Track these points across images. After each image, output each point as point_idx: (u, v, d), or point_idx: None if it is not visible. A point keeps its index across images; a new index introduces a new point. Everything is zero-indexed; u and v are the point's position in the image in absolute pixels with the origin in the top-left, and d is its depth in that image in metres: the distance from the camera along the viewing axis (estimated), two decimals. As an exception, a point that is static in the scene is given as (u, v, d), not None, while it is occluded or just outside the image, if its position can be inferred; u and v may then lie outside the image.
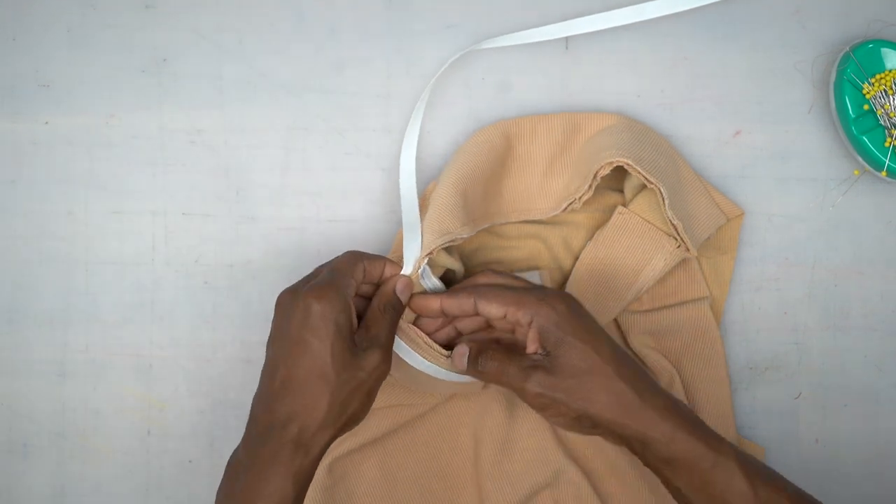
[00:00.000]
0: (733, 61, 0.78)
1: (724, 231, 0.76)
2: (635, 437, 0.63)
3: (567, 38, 0.78)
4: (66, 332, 0.77)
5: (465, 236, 0.69)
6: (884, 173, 0.76)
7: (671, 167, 0.74)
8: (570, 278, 0.73)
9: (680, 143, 0.78)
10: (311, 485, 0.72)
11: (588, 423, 0.64)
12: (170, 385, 0.77)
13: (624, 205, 0.75)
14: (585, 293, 0.73)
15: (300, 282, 0.65)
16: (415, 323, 0.69)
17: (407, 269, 0.68)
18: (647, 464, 0.64)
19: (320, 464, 0.73)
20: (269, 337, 0.64)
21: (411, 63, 0.78)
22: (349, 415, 0.63)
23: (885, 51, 0.75)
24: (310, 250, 0.77)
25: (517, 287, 0.66)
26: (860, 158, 0.76)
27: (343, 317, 0.62)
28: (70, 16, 0.77)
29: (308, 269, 0.72)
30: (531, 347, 0.64)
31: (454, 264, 0.72)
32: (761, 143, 0.78)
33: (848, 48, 0.76)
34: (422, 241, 0.68)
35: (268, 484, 0.59)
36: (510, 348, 0.66)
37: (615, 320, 0.75)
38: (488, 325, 0.69)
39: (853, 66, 0.75)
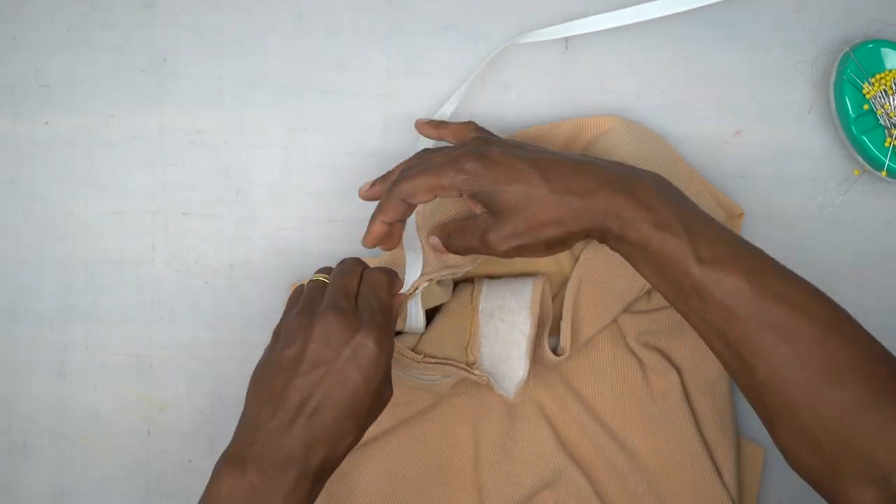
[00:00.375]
0: (733, 61, 0.78)
1: (725, 231, 0.77)
2: (593, 233, 0.62)
3: (567, 38, 0.78)
4: (66, 332, 0.77)
5: (467, 269, 0.69)
6: (884, 173, 0.76)
7: (671, 166, 0.74)
8: (571, 281, 0.73)
9: (680, 143, 0.78)
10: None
11: (557, 245, 0.63)
12: (170, 385, 0.77)
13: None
14: (586, 295, 0.73)
15: (335, 296, 0.62)
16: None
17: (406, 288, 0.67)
18: (611, 247, 0.63)
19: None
20: (298, 351, 0.61)
21: (411, 63, 0.78)
22: (358, 441, 0.63)
23: (885, 51, 0.75)
24: (310, 250, 0.77)
25: (431, 166, 0.64)
26: (860, 158, 0.76)
27: (389, 367, 0.62)
28: (70, 16, 0.77)
29: (308, 269, 0.73)
30: (476, 210, 0.64)
31: (445, 297, 0.72)
32: (761, 143, 0.78)
33: (848, 48, 0.76)
34: (423, 267, 0.68)
35: None
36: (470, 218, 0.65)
37: (616, 320, 0.75)
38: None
39: (853, 66, 0.75)
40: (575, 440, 0.75)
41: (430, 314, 0.72)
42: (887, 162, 0.75)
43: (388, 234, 0.66)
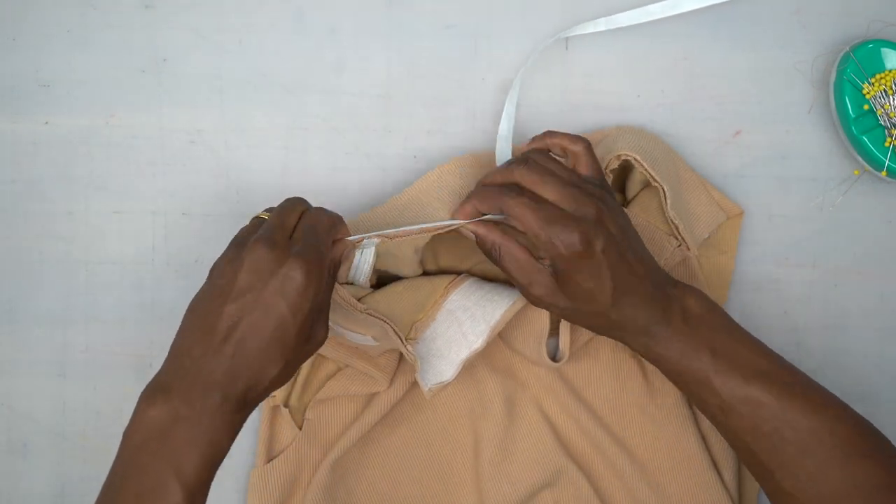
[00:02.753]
0: (733, 61, 0.78)
1: (724, 231, 0.77)
2: (621, 341, 0.68)
3: (567, 38, 0.78)
4: (66, 332, 0.77)
5: (419, 245, 0.69)
6: (884, 173, 0.76)
7: (671, 165, 0.74)
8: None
9: (680, 143, 0.78)
10: (311, 484, 0.73)
11: (577, 324, 0.69)
12: (170, 385, 0.77)
13: (624, 205, 0.75)
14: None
15: (268, 229, 0.63)
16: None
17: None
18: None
19: (321, 464, 0.74)
20: (228, 281, 0.61)
21: (411, 63, 0.78)
22: (285, 379, 0.63)
23: (885, 51, 0.75)
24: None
25: (544, 211, 0.65)
26: (860, 158, 0.76)
27: (317, 299, 0.62)
28: (70, 16, 0.77)
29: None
30: (543, 257, 0.66)
31: (411, 271, 0.72)
32: (761, 143, 0.78)
33: (848, 48, 0.76)
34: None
35: (207, 437, 0.59)
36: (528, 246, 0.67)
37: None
38: None
39: (853, 66, 0.75)
40: (575, 440, 0.75)
41: (389, 282, 0.72)
42: (887, 162, 0.75)
43: (476, 217, 0.68)
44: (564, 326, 0.72)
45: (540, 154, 0.68)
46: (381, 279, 0.73)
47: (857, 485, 0.61)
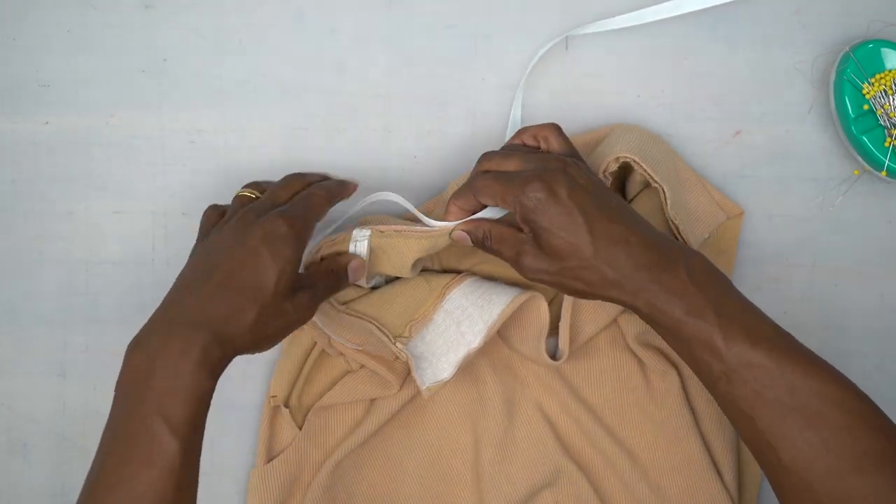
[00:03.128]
0: (733, 61, 0.78)
1: (724, 231, 0.77)
2: (620, 303, 0.64)
3: (567, 38, 0.78)
4: (66, 332, 0.77)
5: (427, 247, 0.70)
6: (884, 173, 0.76)
7: (670, 165, 0.74)
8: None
9: (680, 143, 0.78)
10: (311, 485, 0.73)
11: (579, 294, 0.66)
12: (170, 385, 0.77)
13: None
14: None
15: (259, 204, 0.66)
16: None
17: (361, 249, 0.70)
18: (645, 322, 0.66)
19: (321, 465, 0.74)
20: (211, 242, 0.65)
21: (411, 63, 0.78)
22: (262, 336, 0.64)
23: (885, 51, 0.75)
24: (310, 250, 0.77)
25: (506, 176, 0.66)
26: (860, 158, 0.76)
27: (299, 255, 0.64)
28: (70, 16, 0.77)
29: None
30: (524, 229, 0.66)
31: (407, 272, 0.72)
32: (761, 143, 0.78)
33: (848, 48, 0.76)
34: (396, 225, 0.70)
35: (184, 373, 0.59)
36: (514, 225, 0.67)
37: (615, 320, 0.75)
38: None
39: (853, 66, 0.75)
40: (575, 440, 0.75)
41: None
42: (887, 162, 0.75)
43: (453, 217, 0.69)
44: (564, 325, 0.72)
45: (495, 153, 0.70)
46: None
47: (863, 457, 0.59)
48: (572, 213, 0.63)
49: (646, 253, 0.63)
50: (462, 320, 0.71)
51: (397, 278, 0.74)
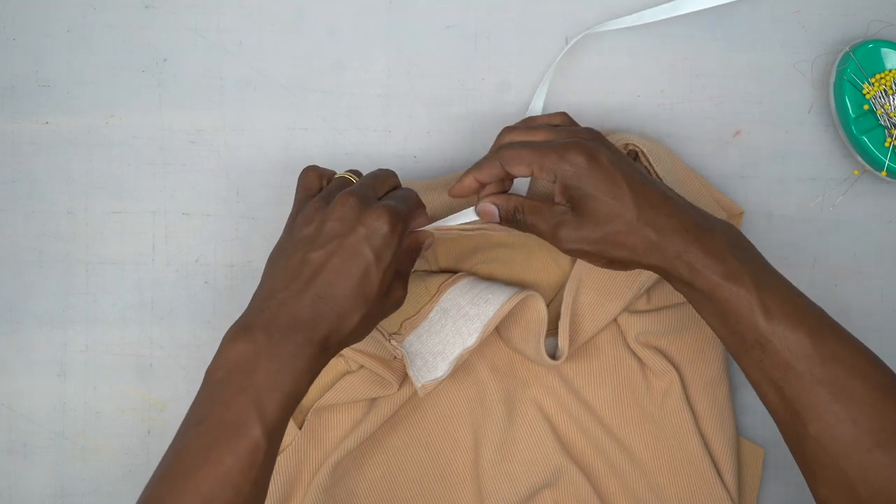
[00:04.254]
0: (733, 61, 0.78)
1: (724, 231, 0.77)
2: (659, 270, 0.64)
3: (567, 38, 0.78)
4: (66, 332, 0.77)
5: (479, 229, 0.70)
6: (884, 173, 0.76)
7: (670, 164, 0.74)
8: (570, 281, 0.73)
9: (680, 143, 0.78)
10: (311, 484, 0.73)
11: (619, 265, 0.65)
12: (170, 385, 0.77)
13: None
14: (585, 295, 0.73)
15: (360, 186, 0.64)
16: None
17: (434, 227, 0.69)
18: (675, 287, 0.65)
19: (321, 464, 0.74)
20: (315, 229, 0.63)
21: (411, 63, 0.78)
22: (361, 334, 0.64)
23: (885, 51, 0.75)
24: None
25: (539, 145, 0.65)
26: (860, 158, 0.76)
27: (400, 251, 0.64)
28: (70, 16, 0.77)
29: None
30: (557, 199, 0.65)
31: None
32: (761, 143, 0.78)
33: (848, 48, 0.76)
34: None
35: (289, 377, 0.59)
36: (545, 198, 0.67)
37: (615, 320, 0.75)
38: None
39: (853, 66, 0.75)
40: (575, 440, 0.75)
41: None
42: (887, 162, 0.75)
43: (476, 191, 0.68)
44: (563, 325, 0.72)
45: (527, 119, 0.70)
46: None
47: (888, 432, 0.59)
48: (615, 177, 0.63)
49: (685, 215, 0.63)
50: (458, 319, 0.71)
51: None
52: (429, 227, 0.69)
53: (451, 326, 0.71)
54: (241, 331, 0.61)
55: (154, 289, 0.77)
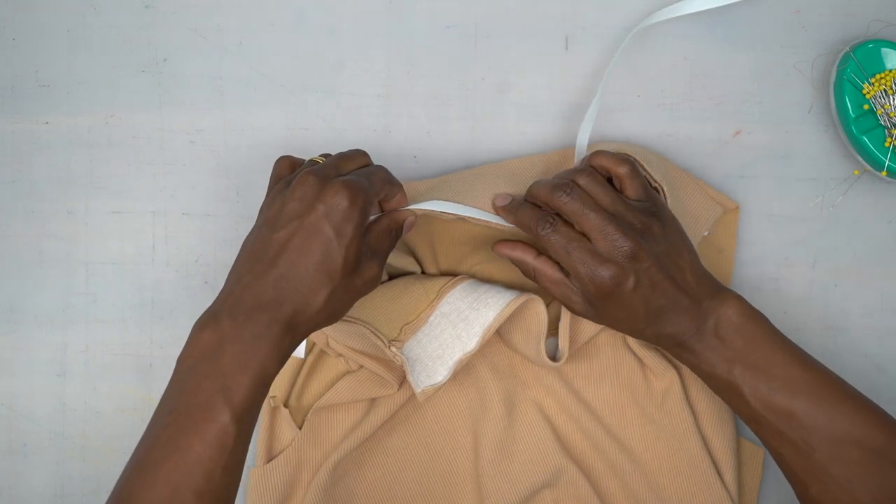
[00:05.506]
0: (733, 61, 0.78)
1: (722, 228, 0.77)
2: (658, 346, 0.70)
3: (567, 38, 0.78)
4: (66, 332, 0.77)
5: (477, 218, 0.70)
6: (884, 173, 0.76)
7: (662, 167, 0.74)
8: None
9: (680, 143, 0.78)
10: (311, 485, 0.73)
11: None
12: (170, 385, 0.77)
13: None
14: (585, 293, 0.73)
15: (323, 166, 0.65)
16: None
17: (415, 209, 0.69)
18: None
19: (321, 465, 0.74)
20: (276, 211, 0.64)
21: (411, 63, 0.78)
22: (332, 314, 0.64)
23: (885, 51, 0.75)
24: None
25: (579, 242, 0.67)
26: (860, 158, 0.76)
27: (363, 225, 0.64)
28: (70, 16, 0.77)
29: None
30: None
31: (411, 265, 0.74)
32: (761, 143, 0.78)
33: (848, 48, 0.76)
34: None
35: (255, 358, 0.60)
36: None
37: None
38: None
39: (853, 66, 0.75)
40: (575, 440, 0.75)
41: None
42: (887, 162, 0.75)
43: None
44: (563, 327, 0.72)
45: (587, 177, 0.68)
46: (391, 276, 0.74)
47: (888, 495, 0.62)
48: (632, 301, 0.66)
49: (686, 319, 0.67)
50: (458, 323, 0.71)
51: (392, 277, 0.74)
52: (411, 207, 0.69)
53: (450, 331, 0.71)
54: (209, 318, 0.61)
55: (154, 289, 0.77)
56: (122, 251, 0.77)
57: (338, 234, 0.62)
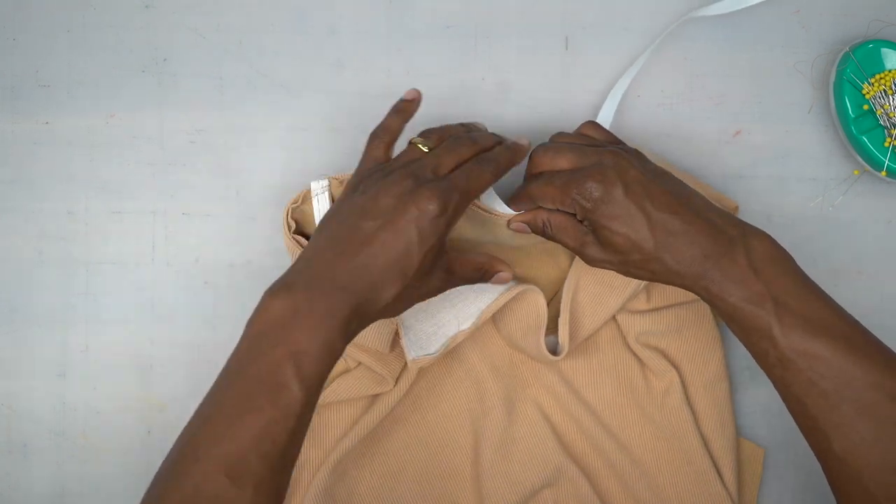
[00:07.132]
0: (733, 61, 0.78)
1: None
2: (683, 287, 0.66)
3: (567, 38, 0.78)
4: (66, 332, 0.77)
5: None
6: (884, 173, 0.76)
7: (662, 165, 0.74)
8: (569, 278, 0.73)
9: (680, 143, 0.78)
10: (311, 485, 0.73)
11: (645, 279, 0.68)
12: (170, 385, 0.77)
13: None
14: (584, 292, 0.73)
15: (422, 166, 0.66)
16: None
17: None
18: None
19: (321, 465, 0.74)
20: (369, 200, 0.64)
21: (411, 63, 0.78)
22: (395, 308, 0.65)
23: (885, 51, 0.75)
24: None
25: (562, 176, 0.67)
26: (860, 158, 0.76)
27: (447, 234, 0.65)
28: (70, 16, 0.77)
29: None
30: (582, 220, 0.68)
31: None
32: (761, 143, 0.78)
33: (848, 48, 0.76)
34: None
35: (325, 332, 0.60)
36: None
37: (615, 320, 0.75)
38: None
39: (853, 66, 0.75)
40: (575, 440, 0.75)
41: None
42: (887, 162, 0.75)
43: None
44: (563, 321, 0.72)
45: (556, 137, 0.71)
46: None
47: None
48: (630, 210, 0.65)
49: (705, 241, 0.64)
50: (457, 302, 0.72)
51: None
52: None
53: (448, 308, 0.72)
54: (282, 287, 0.62)
55: (154, 289, 0.77)
56: (122, 251, 0.77)
57: (421, 238, 0.63)
